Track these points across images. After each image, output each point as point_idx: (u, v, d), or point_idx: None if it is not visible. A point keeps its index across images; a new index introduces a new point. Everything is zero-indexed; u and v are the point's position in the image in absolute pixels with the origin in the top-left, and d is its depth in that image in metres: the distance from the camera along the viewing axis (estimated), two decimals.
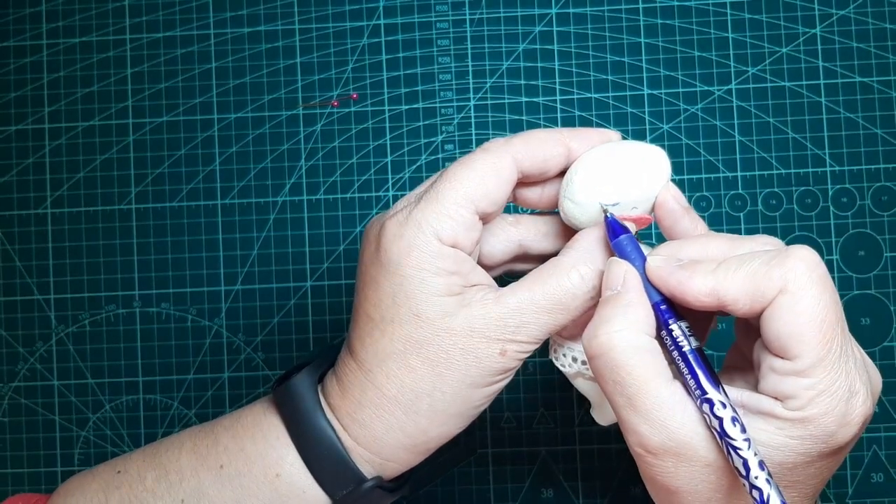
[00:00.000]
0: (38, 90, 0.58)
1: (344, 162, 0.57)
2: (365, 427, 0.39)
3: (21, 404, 0.57)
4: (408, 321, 0.38)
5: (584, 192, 0.39)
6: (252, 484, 0.40)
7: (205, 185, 0.57)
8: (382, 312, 0.38)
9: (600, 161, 0.39)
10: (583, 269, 0.38)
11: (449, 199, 0.38)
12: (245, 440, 0.41)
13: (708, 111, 0.56)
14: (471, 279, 0.39)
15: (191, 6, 0.57)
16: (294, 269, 0.56)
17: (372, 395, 0.39)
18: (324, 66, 0.57)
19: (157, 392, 0.56)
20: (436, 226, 0.37)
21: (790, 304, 0.34)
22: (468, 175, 0.38)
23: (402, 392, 0.38)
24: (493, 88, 0.57)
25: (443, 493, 0.55)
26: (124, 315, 0.57)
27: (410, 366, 0.38)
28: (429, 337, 0.38)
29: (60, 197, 0.57)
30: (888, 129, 0.55)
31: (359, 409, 0.39)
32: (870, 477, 0.54)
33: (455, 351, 0.38)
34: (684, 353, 0.36)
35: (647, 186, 0.39)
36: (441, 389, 0.38)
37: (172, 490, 0.41)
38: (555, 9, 0.57)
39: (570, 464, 0.55)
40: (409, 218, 0.38)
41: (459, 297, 0.38)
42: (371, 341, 0.39)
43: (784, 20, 0.56)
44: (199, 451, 0.41)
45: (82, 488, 0.42)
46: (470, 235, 0.38)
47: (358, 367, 0.39)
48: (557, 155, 0.40)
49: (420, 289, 0.37)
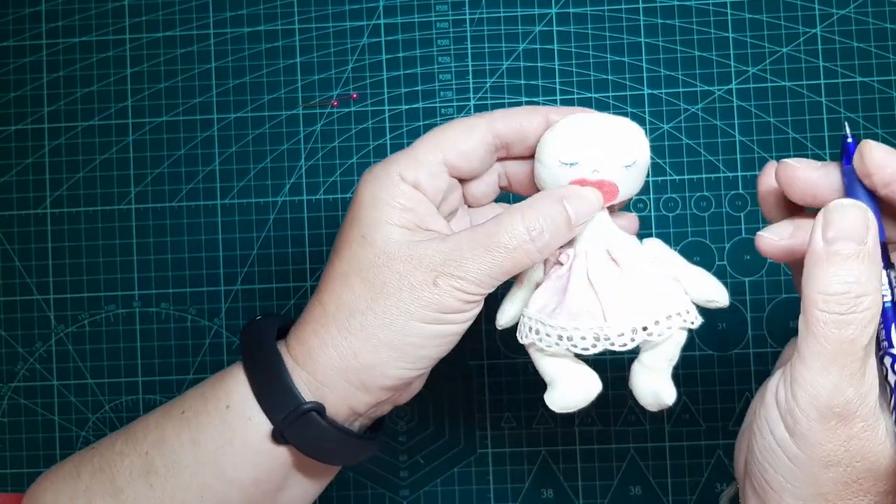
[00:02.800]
0: (37, 90, 0.58)
1: (344, 162, 0.57)
2: (303, 343, 0.40)
3: (20, 404, 0.57)
4: (356, 242, 0.40)
5: (547, 152, 0.40)
6: (206, 420, 0.41)
7: (204, 185, 0.57)
8: (341, 239, 0.40)
9: (568, 122, 0.40)
10: (527, 212, 0.39)
11: (419, 146, 0.40)
12: (206, 386, 0.42)
13: (708, 111, 0.56)
14: (427, 223, 0.40)
15: (191, 6, 0.57)
16: (294, 269, 0.56)
17: (316, 312, 0.40)
18: (324, 66, 0.57)
19: (156, 392, 0.56)
20: (402, 165, 0.40)
21: None
22: (443, 129, 0.41)
23: (340, 309, 0.40)
24: (493, 88, 0.57)
25: (443, 493, 0.55)
26: (124, 315, 0.57)
27: (350, 284, 0.39)
28: (371, 259, 0.39)
29: (60, 197, 0.57)
30: (888, 129, 0.55)
31: (302, 327, 0.41)
32: None
33: (391, 275, 0.39)
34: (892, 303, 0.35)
35: (609, 151, 0.39)
36: (374, 310, 0.39)
37: (138, 446, 0.42)
38: (555, 9, 0.57)
39: (570, 464, 0.55)
40: (384, 162, 0.41)
41: (409, 232, 0.39)
42: (328, 266, 0.41)
43: (784, 20, 0.56)
44: (165, 407, 0.43)
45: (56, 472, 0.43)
46: (433, 182, 0.40)
47: (315, 293, 0.41)
48: (535, 123, 0.41)
49: (370, 214, 0.39)
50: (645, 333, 0.39)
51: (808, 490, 0.35)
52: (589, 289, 0.39)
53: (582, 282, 0.40)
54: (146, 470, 0.41)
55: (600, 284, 0.39)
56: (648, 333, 0.39)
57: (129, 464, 0.41)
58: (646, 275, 0.40)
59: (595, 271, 0.40)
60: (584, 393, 0.41)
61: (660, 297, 0.39)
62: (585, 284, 0.39)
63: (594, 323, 0.39)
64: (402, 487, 0.56)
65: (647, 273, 0.40)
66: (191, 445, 0.41)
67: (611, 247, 0.40)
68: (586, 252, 0.40)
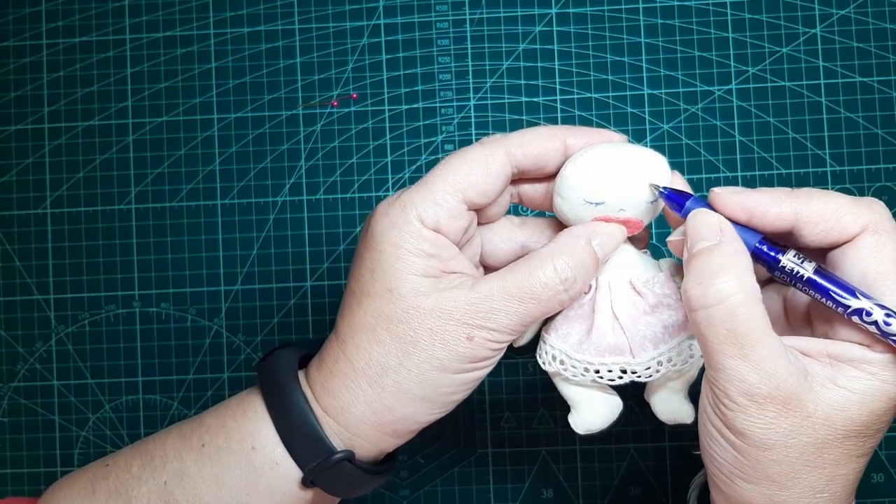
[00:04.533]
0: (37, 90, 0.58)
1: (344, 162, 0.57)
2: (334, 397, 0.40)
3: (21, 404, 0.57)
4: (381, 295, 0.38)
5: (571, 189, 0.39)
6: (230, 458, 0.40)
7: (205, 185, 0.57)
8: (361, 286, 0.39)
9: (591, 159, 0.39)
10: (558, 260, 0.38)
11: (437, 185, 0.38)
12: (226, 418, 0.41)
13: (708, 111, 0.56)
14: (451, 266, 0.39)
15: (191, 6, 0.57)
16: (294, 269, 0.56)
17: (343, 365, 0.39)
18: (324, 66, 0.57)
19: (156, 392, 0.56)
20: (420, 208, 0.38)
21: (877, 244, 0.35)
22: (459, 164, 0.39)
23: (370, 365, 0.39)
24: (493, 88, 0.57)
25: (443, 493, 0.55)
26: (124, 315, 0.57)
27: (379, 339, 0.39)
28: (399, 313, 0.38)
29: (60, 197, 0.57)
30: (888, 129, 0.55)
31: (330, 378, 0.40)
32: (870, 477, 0.54)
33: (423, 330, 0.38)
34: (810, 279, 0.36)
35: (636, 190, 0.39)
36: (406, 367, 0.38)
37: (156, 473, 0.41)
38: (555, 9, 0.57)
39: (570, 464, 0.55)
40: (398, 200, 0.39)
41: (435, 280, 0.38)
42: (348, 314, 0.40)
43: (784, 20, 0.56)
44: (183, 434, 0.42)
45: (71, 484, 0.43)
46: (454, 223, 0.39)
47: (336, 339, 0.40)
48: (553, 150, 0.40)
49: (395, 265, 0.38)
50: (669, 364, 0.40)
51: (755, 474, 0.36)
52: (615, 323, 0.40)
53: (607, 316, 0.40)
54: (165, 500, 0.40)
55: (626, 319, 0.40)
56: (672, 364, 0.40)
57: (147, 491, 0.41)
58: (669, 305, 0.40)
59: (619, 305, 0.40)
60: (609, 415, 0.42)
61: (683, 327, 0.40)
62: (611, 318, 0.40)
63: (621, 359, 0.40)
64: (402, 487, 0.56)
65: (670, 304, 0.40)
66: (213, 482, 0.40)
67: (633, 278, 0.40)
68: (609, 284, 0.40)
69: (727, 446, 0.36)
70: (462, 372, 0.39)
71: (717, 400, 0.36)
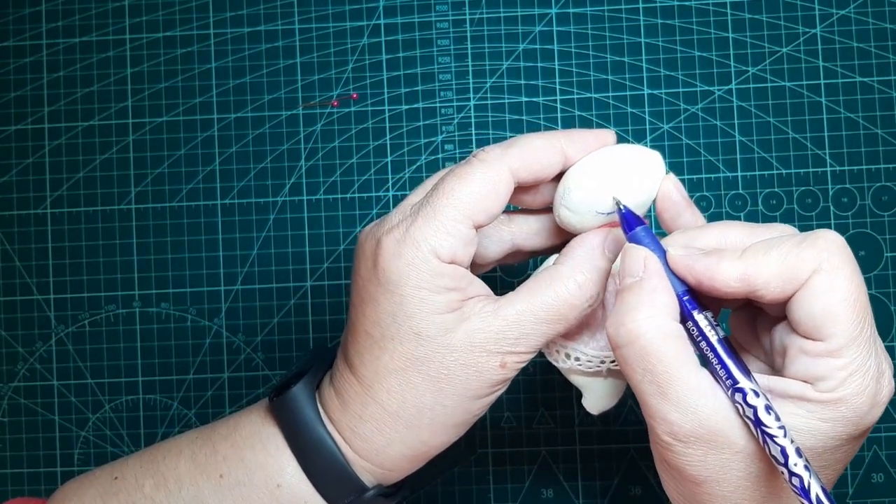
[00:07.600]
0: (37, 90, 0.58)
1: (344, 162, 0.57)
2: (367, 441, 0.39)
3: (21, 404, 0.57)
4: (408, 339, 0.38)
5: (580, 201, 0.39)
6: (253, 494, 0.40)
7: (205, 185, 0.57)
8: (382, 330, 0.38)
9: (595, 169, 0.39)
10: (579, 277, 0.38)
11: (447, 215, 0.37)
12: (244, 450, 0.41)
13: (708, 111, 0.56)
14: (469, 292, 0.38)
15: (191, 6, 0.57)
16: (294, 269, 0.56)
17: (373, 410, 0.39)
18: (324, 66, 0.57)
19: (156, 392, 0.56)
20: (434, 243, 0.37)
21: (825, 284, 0.33)
22: (465, 190, 0.37)
23: (404, 408, 0.38)
24: (493, 88, 0.57)
25: (443, 493, 0.55)
26: (124, 315, 0.57)
27: (412, 382, 0.38)
28: (429, 354, 0.38)
29: (60, 197, 0.57)
30: (888, 129, 0.55)
31: (360, 423, 0.39)
32: (870, 477, 0.54)
33: (456, 366, 0.38)
34: (712, 343, 0.35)
35: (641, 191, 0.40)
36: (442, 403, 0.38)
37: (171, 498, 0.41)
38: (555, 9, 0.57)
39: (570, 464, 0.55)
40: (407, 235, 0.37)
41: (458, 312, 0.38)
42: (371, 358, 0.39)
43: (784, 20, 0.56)
44: (197, 460, 0.41)
45: (79, 494, 0.42)
46: (468, 250, 0.38)
47: (358, 383, 0.39)
48: (554, 163, 0.39)
49: (420, 308, 0.37)
50: None
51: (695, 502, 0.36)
52: None
53: None
54: None
55: None
56: None
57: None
58: None
59: None
60: (617, 395, 0.43)
61: None
62: None
63: None
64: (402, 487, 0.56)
65: None
66: None
67: None
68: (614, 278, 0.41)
69: (668, 479, 0.37)
70: (493, 394, 0.39)
71: (651, 435, 0.36)
